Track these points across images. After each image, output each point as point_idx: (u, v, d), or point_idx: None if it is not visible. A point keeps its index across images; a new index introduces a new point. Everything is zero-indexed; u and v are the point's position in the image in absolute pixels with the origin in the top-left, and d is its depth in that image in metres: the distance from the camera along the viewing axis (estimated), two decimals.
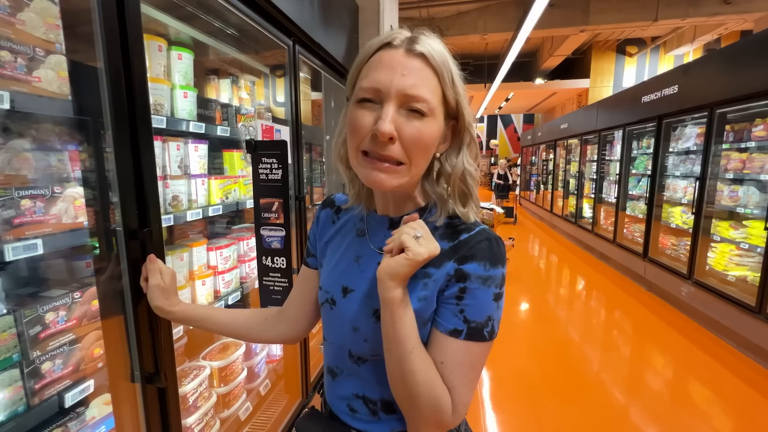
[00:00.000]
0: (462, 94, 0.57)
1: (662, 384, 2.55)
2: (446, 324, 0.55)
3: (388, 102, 0.52)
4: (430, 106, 0.53)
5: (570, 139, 7.27)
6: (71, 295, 0.90)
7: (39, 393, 0.85)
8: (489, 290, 0.54)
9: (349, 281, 0.62)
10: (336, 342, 0.64)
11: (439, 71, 0.53)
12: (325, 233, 0.72)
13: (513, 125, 18.97)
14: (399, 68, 0.51)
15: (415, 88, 0.51)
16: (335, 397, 0.65)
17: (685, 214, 3.73)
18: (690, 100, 3.51)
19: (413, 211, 0.62)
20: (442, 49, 0.55)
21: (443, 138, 0.58)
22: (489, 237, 0.57)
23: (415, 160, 0.54)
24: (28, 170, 0.86)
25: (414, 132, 0.52)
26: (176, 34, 1.36)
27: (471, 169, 0.59)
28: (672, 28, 8.23)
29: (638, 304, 3.91)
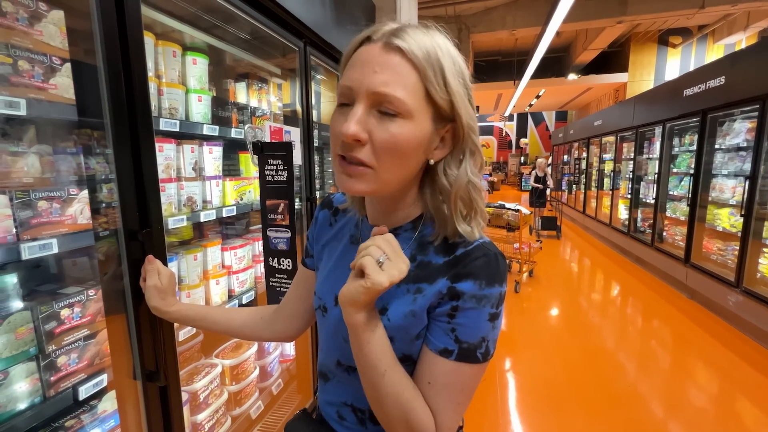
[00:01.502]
0: (459, 94, 0.50)
1: (705, 401, 2.35)
2: (437, 342, 0.52)
3: (359, 102, 0.48)
4: (405, 106, 0.47)
5: (605, 137, 6.91)
6: (86, 292, 0.94)
7: (54, 385, 0.89)
8: (484, 310, 0.51)
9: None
10: (327, 349, 0.63)
11: (420, 67, 0.47)
12: (322, 236, 0.70)
13: (544, 123, 18.31)
14: (373, 65, 0.47)
15: (386, 86, 0.46)
16: (325, 402, 0.65)
17: (733, 216, 3.43)
18: (738, 92, 3.22)
19: (406, 223, 0.58)
20: (429, 42, 0.48)
21: (434, 143, 0.52)
22: (487, 253, 0.52)
23: (385, 165, 0.49)
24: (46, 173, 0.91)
25: (385, 135, 0.47)
26: (191, 39, 1.40)
27: (476, 180, 0.53)
28: (722, 15, 7.61)
29: (678, 312, 3.64)
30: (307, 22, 1.39)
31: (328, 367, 0.63)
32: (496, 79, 10.58)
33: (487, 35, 8.18)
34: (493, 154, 19.50)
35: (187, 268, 1.34)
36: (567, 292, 4.27)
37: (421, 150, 0.51)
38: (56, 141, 0.91)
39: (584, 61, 10.01)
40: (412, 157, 0.50)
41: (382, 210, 0.59)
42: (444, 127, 0.52)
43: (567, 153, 10.05)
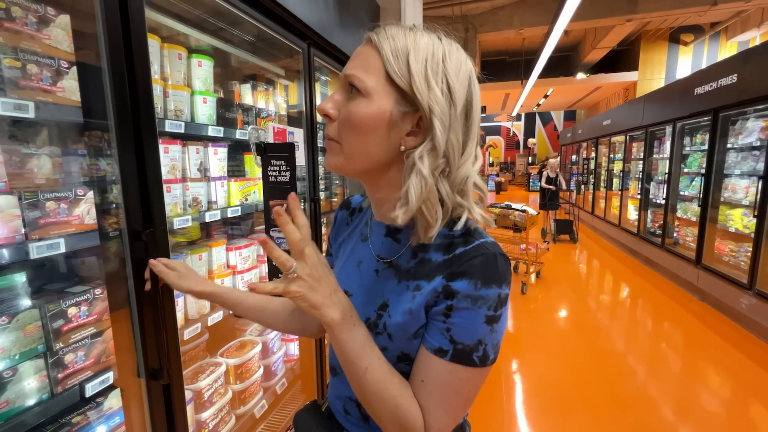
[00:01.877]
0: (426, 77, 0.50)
1: (717, 405, 2.30)
2: (432, 341, 0.52)
3: (339, 87, 0.55)
4: (363, 84, 0.51)
5: (614, 137, 6.82)
6: (93, 291, 0.95)
7: (62, 382, 0.91)
8: (479, 312, 0.50)
9: (350, 285, 0.62)
10: None
11: (383, 51, 0.50)
12: (339, 235, 0.73)
13: (553, 123, 18.14)
14: (353, 56, 0.54)
15: (352, 68, 0.52)
16: (334, 395, 0.66)
17: (746, 216, 3.36)
18: (751, 90, 3.15)
19: None
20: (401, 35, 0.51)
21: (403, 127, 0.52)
22: (485, 253, 0.51)
23: (346, 139, 0.54)
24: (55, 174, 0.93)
25: (345, 112, 0.53)
26: (196, 42, 1.42)
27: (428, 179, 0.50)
28: (735, 11, 7.46)
29: (689, 315, 3.58)
30: (311, 23, 1.40)
31: (337, 363, 0.64)
32: (504, 78, 10.50)
33: (494, 35, 8.13)
34: (500, 155, 19.37)
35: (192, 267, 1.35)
36: (575, 294, 4.22)
37: (382, 129, 0.52)
38: (64, 142, 0.93)
39: (593, 60, 9.89)
40: (372, 134, 0.52)
41: (376, 202, 0.62)
42: (415, 112, 0.52)
43: (575, 153, 9.94)
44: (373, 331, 0.55)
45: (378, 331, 0.55)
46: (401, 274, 0.56)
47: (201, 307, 1.36)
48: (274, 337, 1.71)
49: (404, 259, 0.57)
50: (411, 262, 0.56)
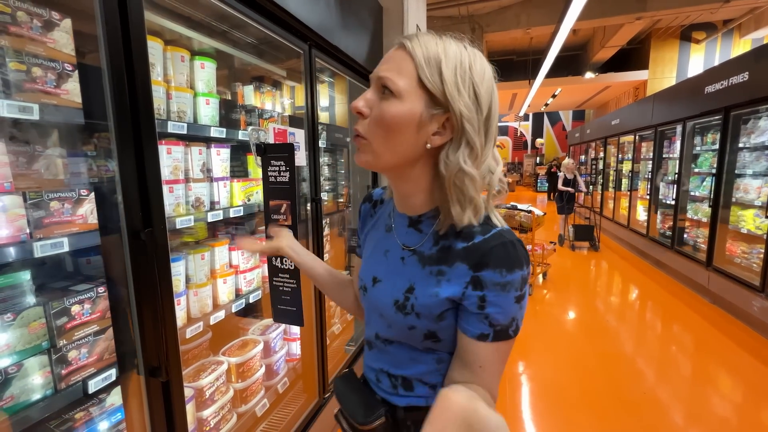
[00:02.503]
0: (455, 86, 0.55)
1: (727, 410, 2.25)
2: (473, 330, 0.58)
3: (372, 86, 0.59)
4: (396, 86, 0.55)
5: (623, 136, 6.73)
6: (96, 289, 0.97)
7: (65, 378, 0.92)
8: (510, 294, 0.56)
9: (378, 272, 0.68)
10: (369, 322, 0.73)
11: (416, 58, 0.55)
12: (365, 226, 0.79)
13: (561, 123, 17.95)
14: (385, 60, 0.58)
15: (385, 71, 0.57)
16: (368, 366, 0.73)
17: (758, 217, 3.28)
18: (764, 89, 3.08)
19: (424, 212, 0.64)
20: (433, 43, 0.56)
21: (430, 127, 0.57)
22: (504, 241, 0.57)
23: (375, 137, 0.58)
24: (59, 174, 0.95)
25: (377, 111, 0.57)
26: (199, 45, 1.43)
27: (467, 168, 0.57)
28: (748, 8, 7.30)
29: (699, 317, 3.51)
30: (312, 24, 1.41)
31: (370, 338, 0.72)
32: (511, 78, 10.42)
33: (501, 34, 8.07)
34: (508, 155, 19.23)
35: (194, 267, 1.37)
36: (582, 295, 4.17)
37: (411, 128, 0.57)
38: (68, 144, 0.95)
39: (602, 59, 9.76)
40: (401, 133, 0.57)
41: (401, 195, 0.67)
42: (443, 114, 0.57)
43: (584, 153, 9.82)
44: (401, 312, 0.62)
45: (407, 311, 0.61)
46: (425, 260, 0.62)
47: (203, 306, 1.37)
48: (276, 336, 1.72)
49: (427, 247, 0.63)
50: (433, 249, 0.62)
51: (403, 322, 0.62)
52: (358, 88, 2.20)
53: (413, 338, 0.63)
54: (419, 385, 0.65)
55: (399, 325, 0.63)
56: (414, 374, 0.65)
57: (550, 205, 12.19)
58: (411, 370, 0.65)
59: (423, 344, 0.62)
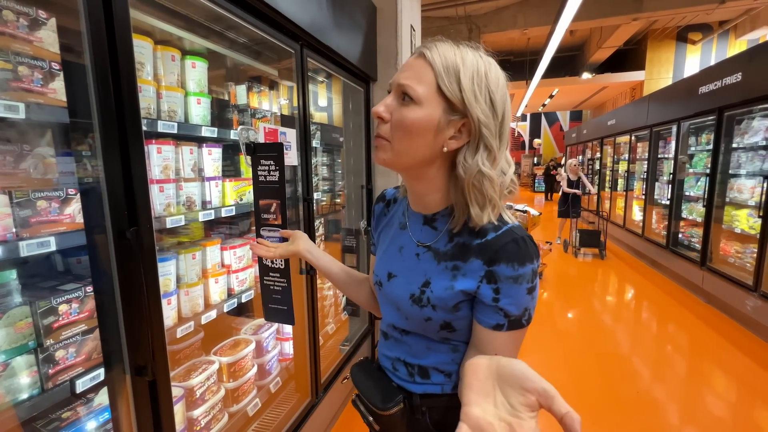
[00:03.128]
0: (473, 93, 0.59)
1: (721, 409, 2.26)
2: (488, 320, 0.61)
3: (391, 92, 0.63)
4: (416, 93, 0.59)
5: (619, 137, 6.75)
6: (84, 288, 0.97)
7: (53, 378, 0.92)
8: (522, 287, 0.59)
9: (393, 267, 0.72)
10: (385, 316, 0.76)
11: (436, 67, 0.59)
12: (379, 225, 0.83)
13: (558, 123, 18.00)
14: (405, 67, 0.62)
15: (406, 78, 0.60)
16: (383, 355, 0.76)
17: (752, 217, 3.30)
18: (757, 89, 3.10)
19: (438, 211, 0.67)
20: (451, 52, 0.59)
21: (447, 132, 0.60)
22: (515, 237, 0.60)
23: (396, 140, 0.61)
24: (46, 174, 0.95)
25: (398, 116, 0.60)
26: (190, 44, 1.43)
27: (486, 170, 0.60)
28: (744, 9, 7.34)
29: (694, 316, 3.52)
30: (303, 24, 1.41)
31: (388, 330, 0.75)
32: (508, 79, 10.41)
33: (498, 35, 8.09)
34: None
35: (185, 266, 1.37)
36: (578, 295, 4.18)
37: (430, 133, 0.60)
38: (55, 142, 0.95)
39: (599, 60, 9.80)
40: (421, 136, 0.60)
41: (416, 194, 0.69)
42: (460, 120, 0.60)
43: (581, 153, 9.85)
44: (418, 305, 0.65)
45: (423, 304, 0.64)
46: (440, 256, 0.65)
47: (194, 305, 1.37)
48: (268, 336, 1.72)
49: (441, 244, 0.66)
50: (448, 246, 0.65)
51: (419, 314, 0.65)
52: (351, 89, 2.20)
53: (429, 329, 0.66)
54: (435, 373, 0.69)
55: (415, 317, 0.66)
56: (430, 363, 0.68)
57: (547, 205, 12.23)
58: (427, 359, 0.69)
59: (439, 334, 0.66)
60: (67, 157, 0.94)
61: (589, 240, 5.45)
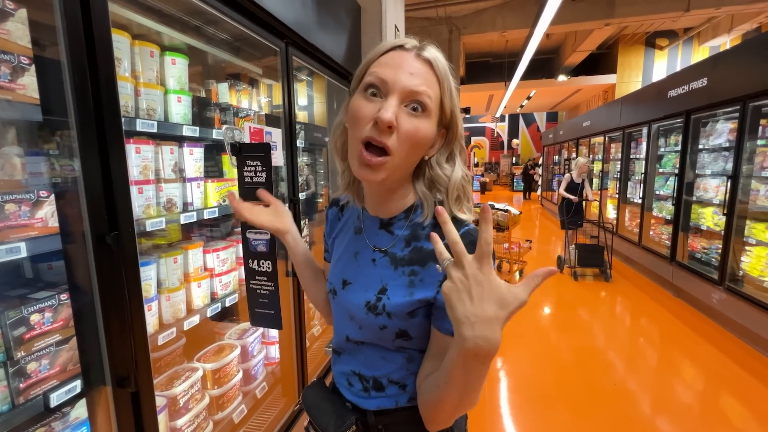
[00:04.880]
0: (457, 105, 0.61)
1: (691, 397, 2.38)
2: (448, 326, 0.57)
3: (393, 95, 0.56)
4: (429, 106, 0.57)
5: (593, 138, 6.99)
6: (57, 297, 0.92)
7: (24, 392, 0.87)
8: None
9: (348, 275, 0.69)
10: (338, 328, 0.72)
11: (441, 80, 0.59)
12: (333, 230, 0.80)
13: (536, 124, 18.47)
14: (407, 67, 0.56)
15: (421, 86, 0.56)
16: (338, 372, 0.73)
17: (716, 215, 3.49)
18: (720, 94, 3.28)
19: (396, 215, 0.66)
20: (444, 61, 0.60)
21: (433, 142, 0.62)
22: (473, 240, 0.58)
23: (402, 153, 0.57)
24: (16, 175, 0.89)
25: (411, 127, 0.56)
26: (169, 40, 1.38)
27: (467, 173, 0.64)
28: (706, 17, 7.74)
29: (665, 310, 3.69)
30: (288, 22, 1.38)
31: (340, 344, 0.72)
32: (488, 80, 10.63)
33: (477, 37, 8.22)
34: (485, 155, 19.60)
35: (166, 271, 1.32)
36: (555, 291, 4.30)
37: (427, 146, 0.60)
38: (25, 142, 0.89)
39: (573, 63, 10.12)
40: (420, 150, 0.60)
41: (381, 201, 0.67)
42: (439, 131, 0.62)
43: (557, 153, 10.15)
44: (373, 313, 0.62)
45: (378, 311, 0.62)
46: (397, 261, 0.63)
47: (176, 311, 1.32)
48: (253, 340, 1.68)
49: (398, 248, 0.64)
50: (405, 251, 0.63)
51: (374, 323, 0.62)
52: (336, 88, 2.18)
53: (384, 338, 0.63)
54: (390, 386, 0.66)
55: (370, 326, 0.63)
56: (385, 374, 0.66)
57: (526, 204, 12.54)
58: (382, 369, 0.66)
59: (394, 343, 0.63)
60: (38, 157, 0.88)
61: (590, 258, 4.36)
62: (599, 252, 4.38)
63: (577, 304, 3.81)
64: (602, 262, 4.40)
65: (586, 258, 4.39)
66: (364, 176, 0.58)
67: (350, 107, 0.60)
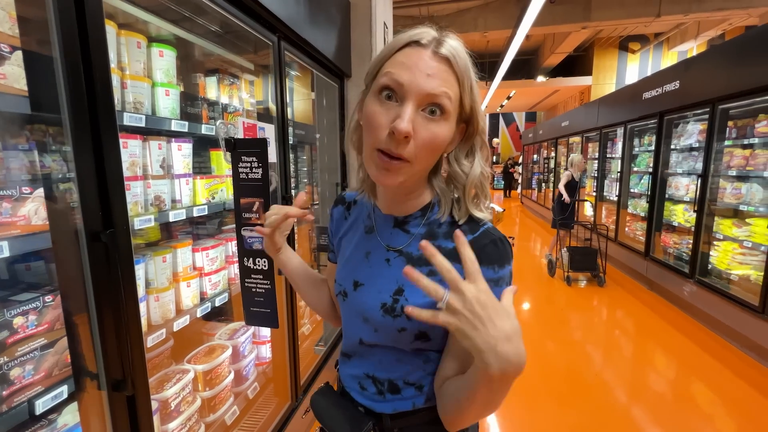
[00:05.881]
0: (477, 100, 0.58)
1: (664, 385, 2.50)
2: None
3: (409, 100, 0.52)
4: (448, 109, 0.54)
5: (572, 137, 7.20)
6: (42, 298, 0.87)
7: (7, 400, 0.82)
8: (502, 289, 0.55)
9: (359, 275, 0.66)
10: (349, 331, 0.69)
11: (461, 77, 0.55)
12: (339, 229, 0.76)
13: (515, 123, 18.86)
14: (425, 68, 0.52)
15: (438, 89, 0.52)
16: (348, 375, 0.70)
17: (687, 212, 3.67)
18: (691, 96, 3.44)
19: (411, 213, 0.64)
20: (465, 54, 0.55)
21: (452, 139, 0.59)
22: (494, 239, 0.58)
23: (422, 159, 0.55)
24: None
25: (428, 134, 0.53)
26: (157, 30, 1.33)
27: (486, 170, 0.61)
28: (675, 24, 8.13)
29: (640, 303, 3.86)
30: (281, 16, 1.36)
31: (352, 347, 0.69)
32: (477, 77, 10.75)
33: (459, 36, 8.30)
34: None
35: (155, 270, 1.27)
36: (537, 287, 4.42)
37: (446, 145, 0.57)
38: (6, 135, 0.84)
39: (552, 64, 10.39)
40: (440, 152, 0.58)
41: (397, 200, 0.64)
42: (459, 126, 0.59)
43: (536, 153, 10.40)
44: (390, 315, 0.60)
45: (396, 314, 0.59)
46: (413, 261, 0.61)
47: (165, 311, 1.28)
48: (244, 340, 1.64)
49: (414, 248, 0.62)
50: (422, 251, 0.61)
51: (392, 325, 0.60)
52: (326, 84, 2.16)
53: (402, 340, 0.61)
54: (406, 387, 0.63)
55: (387, 329, 0.60)
56: (400, 376, 0.63)
57: (506, 201, 12.82)
58: (398, 372, 0.63)
59: (412, 345, 0.61)
60: (25, 152, 0.83)
61: (582, 261, 4.21)
62: (592, 255, 4.25)
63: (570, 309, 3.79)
64: (596, 266, 4.25)
65: (579, 262, 4.23)
66: (382, 181, 0.55)
67: (365, 111, 0.57)
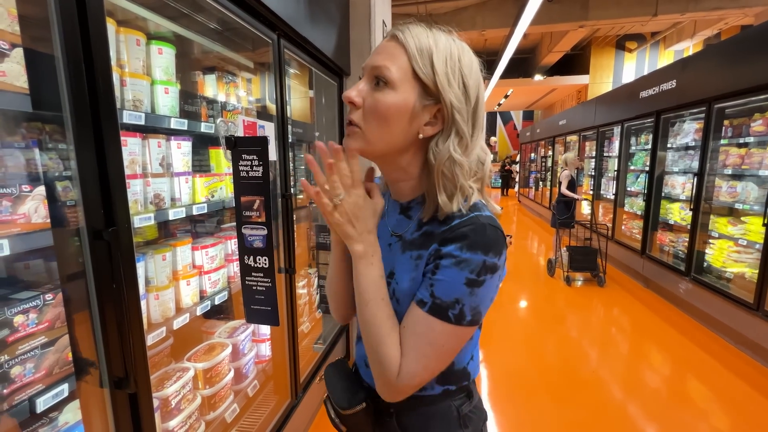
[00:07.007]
0: (446, 77, 0.56)
1: (660, 382, 2.53)
2: (418, 294, 0.58)
3: (364, 76, 0.59)
4: (391, 77, 0.56)
5: (569, 136, 7.23)
6: (42, 297, 0.87)
7: (8, 398, 0.82)
8: (461, 273, 0.54)
9: None
10: None
11: (409, 49, 0.56)
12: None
13: (512, 122, 18.89)
14: (378, 50, 0.59)
15: (379, 61, 0.57)
16: (359, 355, 0.75)
17: (683, 210, 3.70)
18: (688, 95, 3.46)
19: (413, 198, 0.65)
20: (425, 35, 0.57)
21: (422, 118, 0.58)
22: (475, 223, 0.55)
23: (369, 126, 0.58)
24: None
25: (371, 100, 0.57)
26: (156, 28, 1.32)
27: (457, 156, 0.57)
28: (672, 23, 8.16)
29: (636, 300, 3.89)
30: (281, 14, 1.35)
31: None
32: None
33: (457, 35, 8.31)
34: None
35: (155, 268, 1.27)
36: (534, 285, 4.44)
37: (404, 118, 0.57)
38: (6, 133, 0.83)
39: (549, 63, 10.41)
40: (395, 123, 0.58)
41: (390, 181, 0.67)
42: (434, 105, 0.58)
43: (534, 151, 10.43)
44: None
45: (390, 296, 0.62)
46: (406, 245, 0.63)
47: (165, 310, 1.28)
48: (244, 338, 1.65)
49: (409, 233, 0.64)
50: (415, 235, 0.62)
51: None
52: (325, 82, 2.16)
53: None
54: None
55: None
56: None
57: (504, 200, 12.85)
58: None
59: None
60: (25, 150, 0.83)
61: (582, 261, 4.17)
62: (593, 255, 4.22)
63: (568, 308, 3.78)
64: (596, 266, 4.21)
65: (579, 261, 4.20)
66: (344, 145, 0.60)
67: None
